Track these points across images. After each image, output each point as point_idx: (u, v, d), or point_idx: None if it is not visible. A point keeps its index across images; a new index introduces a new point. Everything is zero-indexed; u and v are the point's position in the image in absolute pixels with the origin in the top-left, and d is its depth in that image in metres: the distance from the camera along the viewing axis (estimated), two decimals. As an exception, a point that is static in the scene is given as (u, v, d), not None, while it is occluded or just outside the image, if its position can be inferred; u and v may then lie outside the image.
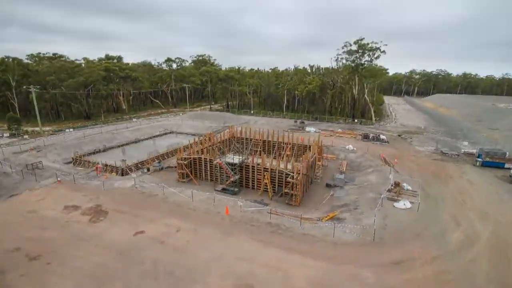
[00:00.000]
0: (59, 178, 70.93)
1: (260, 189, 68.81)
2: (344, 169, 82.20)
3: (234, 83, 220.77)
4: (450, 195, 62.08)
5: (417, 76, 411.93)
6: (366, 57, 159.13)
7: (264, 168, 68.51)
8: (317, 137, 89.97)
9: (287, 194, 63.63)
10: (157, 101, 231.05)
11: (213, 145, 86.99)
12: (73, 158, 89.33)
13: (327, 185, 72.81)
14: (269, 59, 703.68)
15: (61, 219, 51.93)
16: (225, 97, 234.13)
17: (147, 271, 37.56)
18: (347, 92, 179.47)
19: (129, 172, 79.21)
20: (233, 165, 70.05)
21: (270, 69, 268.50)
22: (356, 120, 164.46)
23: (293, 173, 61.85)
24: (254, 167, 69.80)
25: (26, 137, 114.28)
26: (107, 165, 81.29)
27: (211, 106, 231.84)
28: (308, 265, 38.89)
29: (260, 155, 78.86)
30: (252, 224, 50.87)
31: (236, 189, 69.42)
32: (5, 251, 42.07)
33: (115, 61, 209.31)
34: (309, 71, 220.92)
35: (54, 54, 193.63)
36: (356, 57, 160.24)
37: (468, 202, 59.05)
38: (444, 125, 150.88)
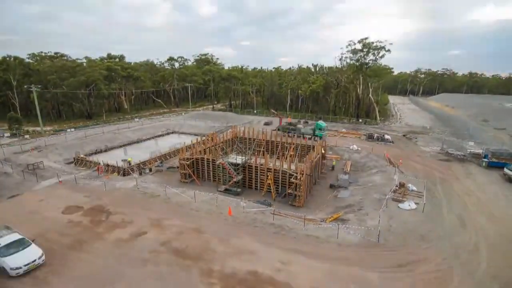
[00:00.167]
0: (60, 178, 71.06)
1: (263, 190, 68.90)
2: (348, 170, 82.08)
3: (237, 83, 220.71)
4: (456, 196, 61.86)
5: (422, 75, 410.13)
6: (370, 56, 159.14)
7: (267, 168, 68.62)
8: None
9: (291, 194, 63.65)
10: (159, 101, 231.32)
11: (215, 145, 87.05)
12: (74, 158, 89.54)
13: (331, 186, 72.72)
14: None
15: (62, 220, 51.93)
16: (228, 96, 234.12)
17: (149, 272, 37.49)
18: (351, 91, 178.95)
19: (131, 172, 79.34)
20: (236, 165, 70.07)
21: (273, 68, 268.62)
22: (360, 120, 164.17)
23: (297, 173, 61.85)
24: (257, 167, 69.90)
25: (27, 137, 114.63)
26: (109, 165, 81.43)
27: (214, 105, 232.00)
28: (311, 266, 38.79)
29: (263, 155, 78.87)
30: (255, 225, 50.78)
31: (239, 190, 69.44)
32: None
33: (117, 60, 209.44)
34: (312, 70, 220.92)
35: (55, 53, 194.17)
36: (360, 56, 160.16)
37: (474, 203, 58.81)
38: (449, 125, 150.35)
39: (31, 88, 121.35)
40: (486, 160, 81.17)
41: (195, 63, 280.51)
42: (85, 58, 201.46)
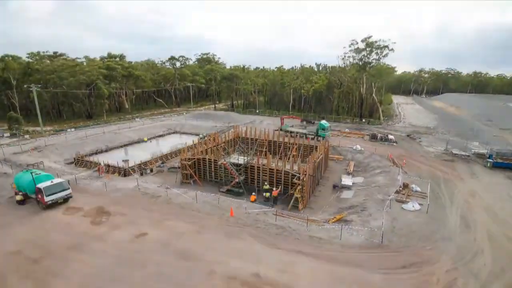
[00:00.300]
0: (60, 179, 71.24)
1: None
2: (351, 170, 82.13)
3: (239, 82, 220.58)
4: (460, 197, 61.83)
5: (426, 75, 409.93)
6: (373, 56, 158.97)
7: (269, 168, 68.72)
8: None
9: (292, 195, 63.68)
10: (161, 100, 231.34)
11: (217, 145, 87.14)
12: (74, 158, 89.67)
13: (334, 187, 72.78)
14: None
15: (62, 221, 52.06)
16: (230, 96, 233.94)
17: (150, 274, 37.50)
18: (354, 91, 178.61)
19: (132, 173, 79.45)
20: (238, 165, 70.16)
21: (275, 67, 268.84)
22: (363, 120, 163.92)
23: (299, 174, 61.90)
24: (259, 167, 69.97)
25: (26, 137, 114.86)
26: (109, 166, 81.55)
27: (216, 105, 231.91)
28: (314, 268, 38.80)
29: (265, 155, 78.97)
30: (257, 226, 50.79)
31: (241, 190, 69.53)
32: (5, 253, 42.13)
33: (117, 59, 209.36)
34: (315, 69, 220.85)
35: (54, 52, 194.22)
36: (363, 55, 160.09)
37: (478, 203, 58.83)
38: (453, 125, 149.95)
39: (30, 87, 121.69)
40: (490, 160, 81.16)
41: (196, 63, 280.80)
42: (85, 57, 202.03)
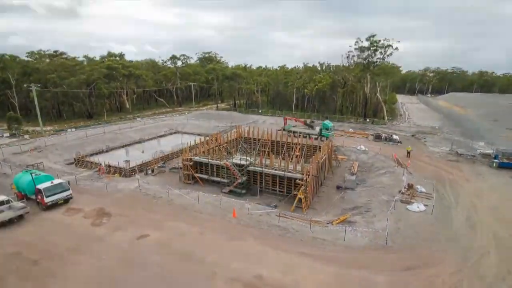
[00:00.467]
0: (60, 179, 71.34)
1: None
2: (355, 171, 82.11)
3: (241, 81, 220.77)
4: (465, 198, 61.74)
5: (431, 74, 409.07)
6: (378, 55, 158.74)
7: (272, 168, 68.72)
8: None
9: (295, 196, 63.68)
10: (162, 100, 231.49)
11: (219, 145, 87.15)
12: (75, 159, 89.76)
13: (338, 187, 72.77)
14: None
15: (62, 222, 52.24)
16: (232, 95, 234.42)
17: (151, 276, 37.65)
18: (358, 90, 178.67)
19: (133, 173, 79.53)
20: (240, 166, 70.21)
21: (278, 66, 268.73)
22: (368, 119, 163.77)
23: (303, 174, 61.90)
24: (262, 168, 69.97)
25: (26, 137, 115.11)
26: (110, 166, 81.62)
27: (218, 105, 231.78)
28: (318, 269, 38.85)
29: (268, 155, 78.97)
30: (260, 227, 50.86)
31: (243, 191, 69.63)
32: (5, 255, 42.31)
33: (118, 58, 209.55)
34: (319, 68, 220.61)
35: (55, 51, 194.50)
36: (368, 54, 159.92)
37: (484, 204, 58.70)
38: (459, 125, 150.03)
39: (30, 87, 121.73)
40: (496, 160, 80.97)
41: (198, 62, 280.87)
42: (85, 56, 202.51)
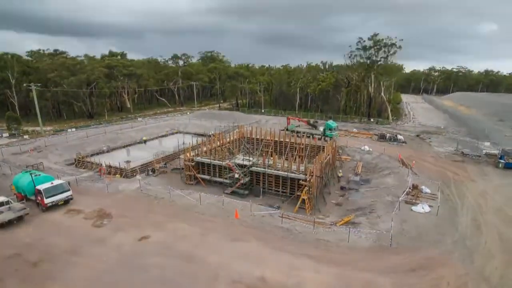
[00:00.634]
0: (60, 180, 71.39)
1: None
2: (359, 171, 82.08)
3: (244, 81, 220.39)
4: (471, 198, 61.67)
5: (436, 73, 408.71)
6: (381, 54, 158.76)
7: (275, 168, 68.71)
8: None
9: (299, 197, 63.66)
10: (163, 100, 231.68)
11: (222, 145, 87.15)
12: (75, 159, 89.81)
13: (342, 188, 72.80)
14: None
15: (62, 223, 52.36)
16: (235, 95, 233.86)
17: (152, 277, 37.71)
18: (362, 90, 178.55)
19: (134, 174, 79.59)
20: (243, 166, 70.22)
21: (281, 66, 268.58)
22: (372, 119, 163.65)
23: (306, 175, 61.90)
24: (265, 169, 69.96)
25: (26, 137, 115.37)
26: (111, 167, 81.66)
27: (220, 104, 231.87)
28: (322, 271, 38.88)
29: (271, 156, 78.98)
30: (263, 228, 50.93)
31: (246, 192, 69.65)
32: (4, 257, 42.43)
33: (119, 57, 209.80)
34: (322, 68, 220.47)
35: (55, 50, 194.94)
36: (371, 53, 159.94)
37: (490, 205, 58.67)
38: (464, 125, 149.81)
39: (30, 86, 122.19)
40: (502, 161, 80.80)
41: (200, 61, 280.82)
42: (85, 55, 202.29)
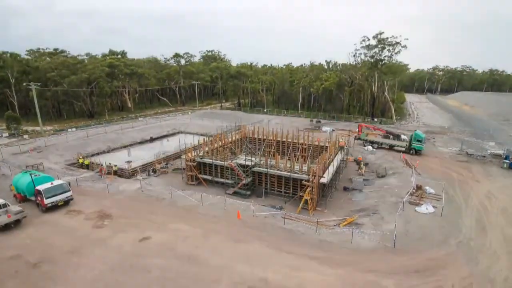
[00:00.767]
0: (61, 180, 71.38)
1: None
2: (363, 172, 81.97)
3: (246, 80, 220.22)
4: (475, 199, 61.61)
5: (441, 72, 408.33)
6: (386, 52, 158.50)
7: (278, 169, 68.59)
8: (335, 137, 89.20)
9: (301, 197, 63.57)
10: (165, 99, 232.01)
11: (224, 145, 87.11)
12: (76, 159, 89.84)
13: (345, 189, 72.68)
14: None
15: (63, 224, 52.47)
16: (237, 94, 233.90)
17: (153, 279, 37.71)
18: (366, 89, 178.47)
19: (135, 174, 79.62)
20: (245, 167, 70.17)
21: (284, 65, 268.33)
22: (375, 119, 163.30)
23: (309, 175, 61.80)
24: (267, 169, 69.86)
25: (26, 137, 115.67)
26: (112, 167, 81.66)
27: (222, 104, 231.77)
28: (325, 273, 38.86)
29: (273, 156, 78.92)
30: (265, 229, 50.93)
31: (248, 193, 69.59)
32: (4, 258, 42.50)
33: (120, 56, 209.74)
34: (325, 67, 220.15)
35: (55, 49, 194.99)
36: (375, 52, 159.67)
37: (495, 206, 58.60)
38: (469, 125, 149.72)
39: (30, 86, 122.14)
40: (507, 161, 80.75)
41: (201, 60, 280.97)
42: (86, 54, 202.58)
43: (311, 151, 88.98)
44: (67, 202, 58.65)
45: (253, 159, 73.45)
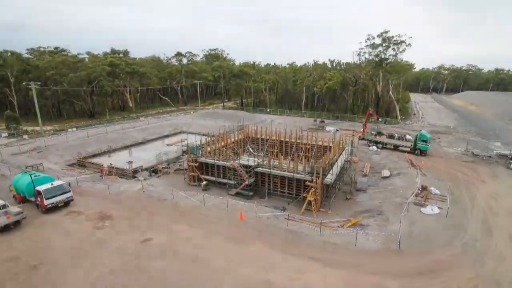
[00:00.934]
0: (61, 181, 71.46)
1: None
2: (367, 172, 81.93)
3: (248, 79, 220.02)
4: (481, 200, 61.54)
5: (446, 71, 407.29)
6: (390, 51, 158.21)
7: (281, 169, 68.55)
8: (339, 137, 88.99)
9: (305, 198, 63.54)
10: (166, 99, 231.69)
11: (226, 146, 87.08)
12: (77, 160, 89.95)
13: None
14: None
15: (63, 225, 52.55)
16: (239, 94, 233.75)
17: (154, 281, 37.80)
18: (370, 89, 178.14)
19: (136, 175, 79.68)
20: (247, 167, 70.14)
21: (287, 64, 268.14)
22: (380, 119, 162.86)
23: (312, 175, 61.75)
24: (270, 169, 69.82)
25: (25, 137, 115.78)
26: (113, 167, 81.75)
27: (224, 104, 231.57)
28: (328, 274, 38.90)
29: (276, 156, 78.91)
30: (268, 230, 50.92)
31: (250, 193, 69.55)
32: (3, 259, 42.60)
33: (121, 55, 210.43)
34: (329, 66, 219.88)
35: (55, 48, 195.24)
36: (380, 51, 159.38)
37: (501, 207, 58.51)
38: (474, 125, 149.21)
39: (29, 85, 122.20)
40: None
41: (204, 59, 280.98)
42: (87, 53, 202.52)
43: (314, 151, 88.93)
44: (67, 203, 58.72)
45: (256, 159, 73.42)
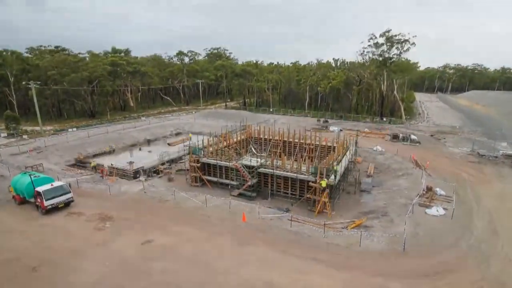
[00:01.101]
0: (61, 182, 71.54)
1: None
2: (371, 173, 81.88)
3: (251, 79, 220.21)
4: (487, 201, 61.35)
5: (451, 71, 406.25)
6: (394, 50, 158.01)
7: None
8: (343, 137, 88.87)
9: (308, 199, 63.53)
10: (168, 98, 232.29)
11: (228, 146, 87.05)
12: (76, 160, 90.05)
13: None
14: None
15: (63, 226, 52.57)
16: (242, 93, 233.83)
17: (156, 283, 37.70)
18: (374, 88, 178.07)
19: (137, 175, 79.73)
20: (250, 168, 70.11)
21: (291, 63, 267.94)
22: (384, 119, 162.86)
23: (316, 176, 61.72)
24: (273, 170, 69.78)
25: (25, 137, 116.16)
26: (114, 168, 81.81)
27: (227, 103, 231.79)
28: (332, 276, 38.81)
29: (280, 156, 78.86)
30: (271, 231, 50.88)
31: (253, 194, 69.53)
32: (3, 261, 42.56)
33: (122, 54, 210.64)
34: (333, 65, 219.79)
35: (56, 47, 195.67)
36: (383, 50, 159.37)
37: (507, 208, 58.36)
38: (480, 125, 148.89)
39: (29, 84, 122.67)
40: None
41: (206, 58, 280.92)
42: (88, 52, 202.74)
43: (318, 152, 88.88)
44: (67, 204, 58.71)
45: (259, 159, 73.41)
